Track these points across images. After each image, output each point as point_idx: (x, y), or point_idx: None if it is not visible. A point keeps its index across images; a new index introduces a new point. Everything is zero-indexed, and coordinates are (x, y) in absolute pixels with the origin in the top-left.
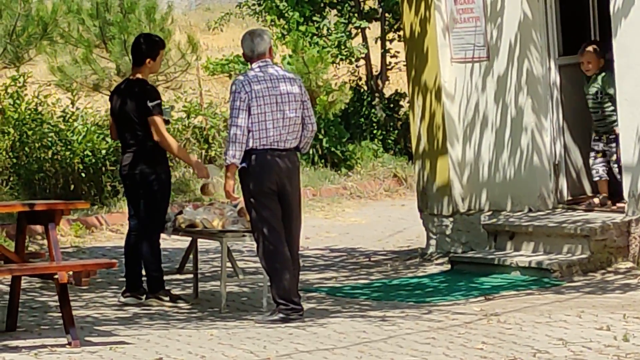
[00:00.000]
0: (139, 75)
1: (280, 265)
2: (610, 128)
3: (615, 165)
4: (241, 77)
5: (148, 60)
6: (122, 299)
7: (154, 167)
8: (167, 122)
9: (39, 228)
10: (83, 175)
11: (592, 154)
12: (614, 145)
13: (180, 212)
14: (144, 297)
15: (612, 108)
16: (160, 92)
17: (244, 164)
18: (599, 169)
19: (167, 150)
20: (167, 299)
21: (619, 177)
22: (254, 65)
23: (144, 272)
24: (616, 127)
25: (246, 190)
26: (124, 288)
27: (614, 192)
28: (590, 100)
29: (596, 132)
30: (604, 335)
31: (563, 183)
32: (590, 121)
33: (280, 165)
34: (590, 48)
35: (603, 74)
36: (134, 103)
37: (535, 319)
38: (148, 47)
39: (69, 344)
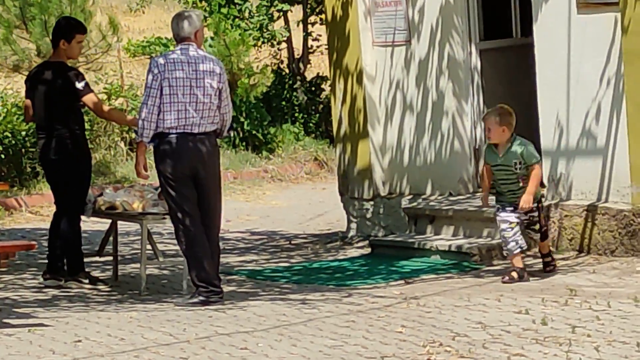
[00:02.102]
0: (56, 59)
1: (198, 249)
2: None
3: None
4: (159, 58)
5: (62, 41)
6: (43, 281)
7: (73, 151)
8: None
9: None
10: (2, 156)
11: (505, 225)
12: (536, 214)
13: (101, 194)
14: (63, 279)
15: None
16: (81, 73)
17: (154, 143)
18: (518, 240)
19: (113, 120)
20: (86, 281)
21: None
22: (177, 47)
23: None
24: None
25: (160, 175)
26: (45, 269)
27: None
28: (503, 172)
29: (509, 203)
30: (522, 319)
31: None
32: (512, 106)
33: (193, 149)
34: (492, 116)
35: (519, 141)
36: (55, 86)
37: (454, 303)
38: (63, 29)
39: None
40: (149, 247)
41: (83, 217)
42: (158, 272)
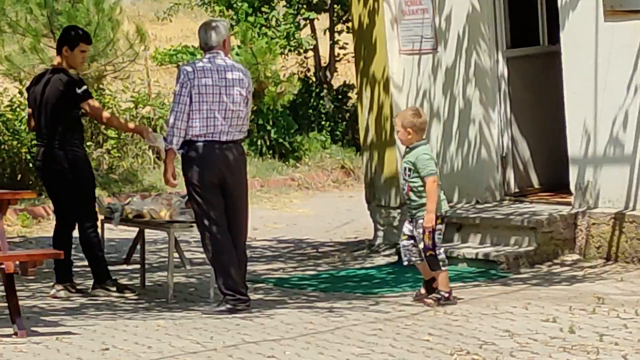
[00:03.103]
0: (58, 66)
1: (225, 257)
2: (421, 210)
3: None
4: (188, 66)
5: (65, 48)
6: (59, 293)
7: (78, 159)
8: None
9: None
10: (30, 165)
11: (404, 237)
12: (421, 231)
13: (128, 203)
14: (74, 289)
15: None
16: (108, 82)
17: (182, 151)
18: (407, 253)
19: (115, 127)
20: (114, 289)
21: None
22: (205, 56)
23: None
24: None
25: (188, 183)
26: (57, 280)
27: (558, 186)
28: (401, 176)
29: (409, 213)
30: (550, 327)
31: (510, 175)
32: (539, 114)
33: (221, 157)
34: (399, 117)
35: (420, 150)
36: (54, 92)
37: (481, 311)
38: (67, 36)
39: (15, 334)
40: (176, 255)
41: (110, 225)
42: (185, 280)
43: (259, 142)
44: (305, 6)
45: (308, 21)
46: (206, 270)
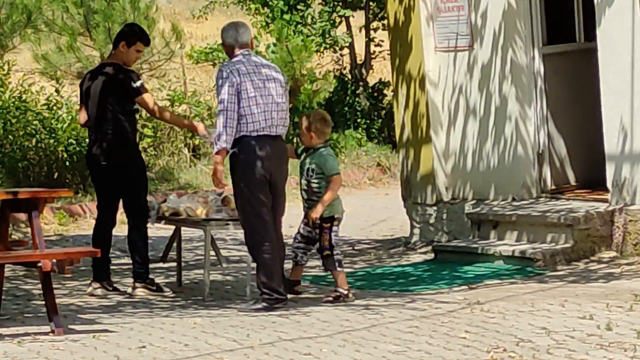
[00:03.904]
0: (112, 60)
1: (269, 256)
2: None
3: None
4: (228, 66)
5: (123, 44)
6: (96, 291)
7: (132, 155)
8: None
9: (22, 216)
10: (67, 163)
11: (298, 236)
12: (318, 231)
13: (164, 201)
14: (111, 287)
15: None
16: (144, 80)
17: (235, 150)
18: (295, 250)
19: (168, 122)
20: (154, 287)
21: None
22: (237, 53)
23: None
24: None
25: (237, 179)
26: (95, 277)
27: (595, 183)
28: (303, 178)
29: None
30: (587, 324)
31: (547, 172)
32: (575, 111)
33: (273, 152)
34: (304, 120)
35: (323, 149)
36: (110, 85)
37: (518, 308)
38: (127, 33)
39: (52, 332)
40: (212, 252)
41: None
42: (221, 278)
43: (294, 140)
44: (340, 4)
45: (343, 18)
46: (242, 267)
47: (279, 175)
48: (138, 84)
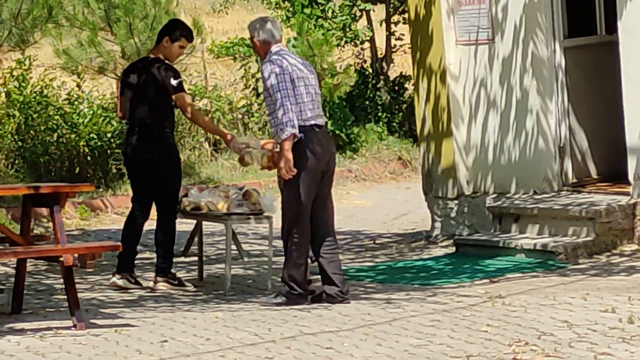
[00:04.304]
0: (155, 54)
1: (305, 250)
2: None
3: None
4: (279, 59)
5: (166, 39)
6: (118, 281)
7: (168, 150)
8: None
9: (44, 211)
10: (88, 158)
11: None
12: None
13: (186, 195)
14: (134, 280)
15: None
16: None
17: (301, 135)
18: None
19: (200, 126)
20: (175, 282)
21: None
22: (276, 48)
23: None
24: None
25: (301, 169)
26: (118, 269)
27: (616, 176)
28: None
29: None
30: (608, 318)
31: (568, 165)
32: (596, 104)
33: (327, 143)
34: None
35: None
36: (150, 80)
37: (540, 302)
38: (171, 27)
39: (74, 326)
40: (233, 247)
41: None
42: (243, 272)
43: None
44: None
45: (364, 12)
46: (263, 262)
47: (332, 165)
48: (176, 82)
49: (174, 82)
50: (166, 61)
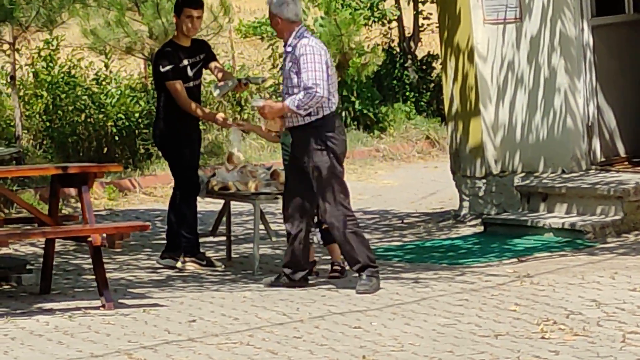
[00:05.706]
0: (177, 34)
1: (359, 228)
2: None
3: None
4: (318, 41)
5: (175, 16)
6: (160, 261)
7: (176, 131)
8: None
9: (72, 191)
10: (116, 138)
11: None
12: None
13: (213, 175)
14: (179, 260)
15: None
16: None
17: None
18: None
19: (193, 114)
20: (203, 262)
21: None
22: (301, 29)
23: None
24: None
25: (333, 154)
26: (163, 250)
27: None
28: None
29: None
30: (637, 297)
31: (596, 144)
32: (624, 82)
33: (343, 130)
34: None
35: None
36: (153, 67)
37: (568, 281)
38: (175, 4)
39: (103, 306)
40: (261, 227)
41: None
42: (271, 252)
43: (343, 114)
44: None
45: None
46: None
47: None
48: (165, 69)
49: (162, 69)
50: (182, 40)
